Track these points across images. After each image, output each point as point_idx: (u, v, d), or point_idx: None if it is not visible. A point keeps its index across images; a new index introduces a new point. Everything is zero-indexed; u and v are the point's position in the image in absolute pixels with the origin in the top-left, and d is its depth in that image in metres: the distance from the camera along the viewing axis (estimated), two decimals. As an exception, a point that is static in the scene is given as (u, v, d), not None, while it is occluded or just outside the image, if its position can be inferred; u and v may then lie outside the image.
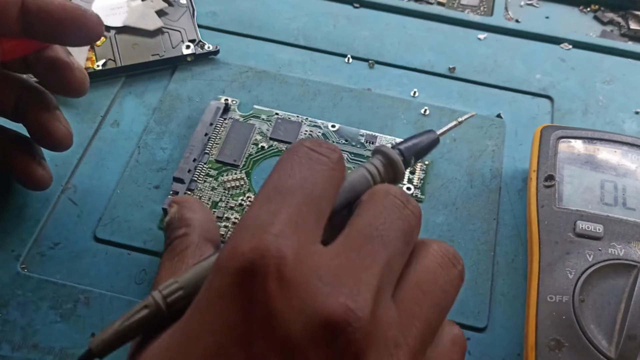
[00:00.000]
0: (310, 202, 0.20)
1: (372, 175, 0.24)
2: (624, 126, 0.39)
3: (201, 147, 0.34)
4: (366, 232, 0.20)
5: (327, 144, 0.22)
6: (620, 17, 0.46)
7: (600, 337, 0.27)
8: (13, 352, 0.28)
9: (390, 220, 0.21)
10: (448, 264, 0.22)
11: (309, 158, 0.21)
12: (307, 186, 0.20)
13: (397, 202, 0.21)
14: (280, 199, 0.20)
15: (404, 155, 0.25)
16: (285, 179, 0.20)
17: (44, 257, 0.32)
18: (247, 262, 0.18)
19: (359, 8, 0.45)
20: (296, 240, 0.19)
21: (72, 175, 0.35)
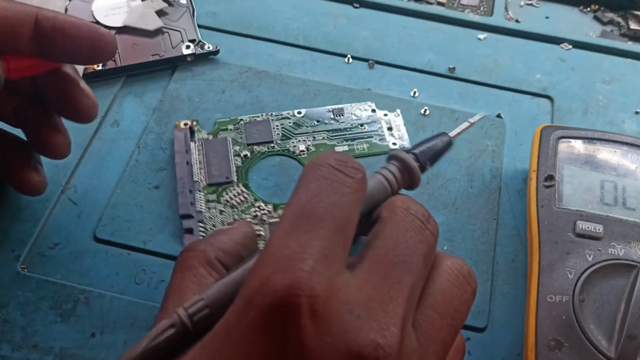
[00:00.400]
0: (340, 230, 0.20)
1: (390, 183, 0.23)
2: (624, 126, 0.39)
3: (189, 176, 0.34)
4: (389, 257, 0.20)
5: (351, 161, 0.22)
6: (620, 17, 0.46)
7: (600, 337, 0.27)
8: (13, 352, 0.28)
9: (412, 244, 0.21)
10: (463, 283, 0.22)
11: (335, 180, 0.21)
12: (336, 213, 0.20)
13: (417, 223, 0.21)
14: (309, 227, 0.19)
15: (420, 160, 0.25)
16: (313, 204, 0.20)
17: (44, 257, 0.32)
18: (281, 300, 0.18)
19: (359, 8, 0.45)
20: (327, 274, 0.19)
21: (72, 175, 0.35)
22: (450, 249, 0.33)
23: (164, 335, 0.21)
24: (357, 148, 0.36)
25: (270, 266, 0.19)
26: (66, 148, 0.31)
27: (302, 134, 0.36)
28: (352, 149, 0.36)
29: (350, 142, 0.36)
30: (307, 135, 0.36)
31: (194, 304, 0.21)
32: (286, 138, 0.36)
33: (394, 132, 0.37)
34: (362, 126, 0.37)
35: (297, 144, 0.36)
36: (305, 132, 0.37)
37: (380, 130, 0.37)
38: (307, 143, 0.36)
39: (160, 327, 0.21)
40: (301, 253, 0.19)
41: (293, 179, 0.35)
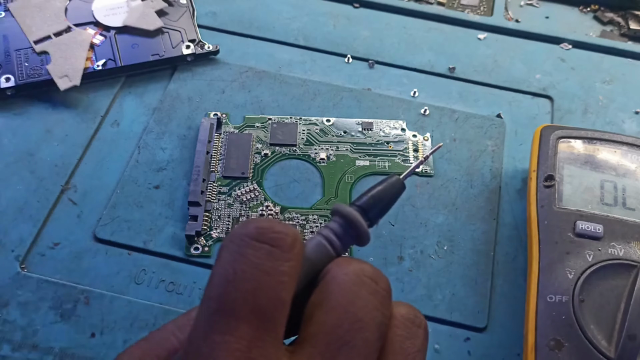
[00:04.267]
0: (265, 321, 0.16)
1: (332, 243, 0.20)
2: (624, 126, 0.39)
3: (206, 166, 0.34)
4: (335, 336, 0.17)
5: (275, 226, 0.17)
6: (620, 17, 0.46)
7: (600, 337, 0.27)
8: (13, 352, 0.28)
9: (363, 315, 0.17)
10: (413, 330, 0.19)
11: (255, 255, 0.17)
12: (259, 301, 0.16)
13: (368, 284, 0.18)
14: (225, 327, 0.16)
15: (367, 212, 0.21)
16: (228, 292, 0.16)
17: (44, 257, 0.32)
18: None
19: (359, 8, 0.45)
20: None
21: (72, 175, 0.35)
22: (450, 249, 0.33)
23: None
24: (378, 165, 0.36)
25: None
26: None
27: (326, 142, 0.36)
28: (373, 164, 0.36)
29: (372, 158, 0.36)
30: (331, 144, 0.36)
31: None
32: (310, 144, 0.36)
33: (419, 154, 0.36)
34: (389, 144, 0.37)
35: (319, 151, 0.36)
36: (330, 141, 0.36)
37: (406, 150, 0.36)
38: (329, 152, 0.36)
39: None
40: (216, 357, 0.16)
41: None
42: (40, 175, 0.34)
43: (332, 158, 0.36)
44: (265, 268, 0.17)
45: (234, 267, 0.17)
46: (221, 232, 0.33)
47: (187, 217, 0.33)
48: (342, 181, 0.35)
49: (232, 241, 0.17)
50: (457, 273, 0.32)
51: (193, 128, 0.37)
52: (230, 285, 0.16)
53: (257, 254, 0.17)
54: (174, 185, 0.34)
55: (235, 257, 0.17)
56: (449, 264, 0.32)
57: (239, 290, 0.16)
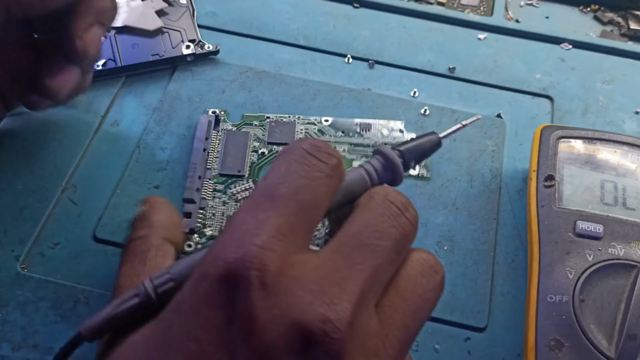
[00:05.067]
0: (301, 212, 0.20)
1: (370, 176, 0.23)
2: (624, 126, 0.39)
3: (203, 163, 0.34)
4: (356, 238, 0.20)
5: (326, 147, 0.21)
6: (620, 17, 0.46)
7: (600, 337, 0.27)
8: (13, 352, 0.28)
9: (383, 228, 0.20)
10: (429, 271, 0.22)
11: (305, 163, 0.21)
12: (299, 196, 0.20)
13: (393, 210, 0.21)
14: (269, 206, 0.19)
15: (405, 158, 0.24)
16: (277, 184, 0.20)
17: (44, 257, 0.32)
18: (231, 272, 0.18)
19: (359, 8, 0.45)
20: (281, 251, 0.19)
21: (72, 175, 0.35)
22: (450, 249, 0.33)
23: (127, 304, 0.21)
24: None
25: (225, 240, 0.19)
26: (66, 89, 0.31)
27: None
28: None
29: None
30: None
31: (159, 276, 0.21)
32: None
33: None
34: (387, 144, 0.36)
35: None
36: (327, 141, 0.36)
37: None
38: None
39: (125, 296, 0.21)
40: (256, 229, 0.19)
41: None
42: (40, 175, 0.34)
43: None
44: (311, 175, 0.20)
45: (287, 168, 0.20)
46: (215, 229, 0.32)
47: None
48: None
49: (289, 149, 0.21)
50: (457, 273, 0.32)
51: (193, 128, 0.37)
52: (281, 179, 0.20)
53: (308, 162, 0.20)
54: (174, 185, 0.34)
55: (289, 161, 0.20)
56: (449, 264, 0.32)
57: (287, 183, 0.20)
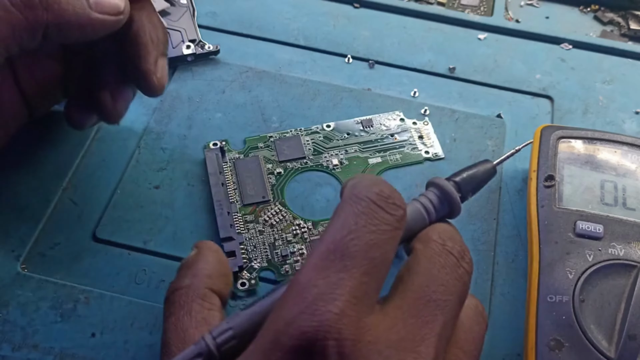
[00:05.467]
0: (373, 270, 0.19)
1: (428, 212, 0.22)
2: (624, 126, 0.39)
3: (226, 198, 0.33)
4: (423, 294, 0.20)
5: (393, 196, 0.21)
6: (620, 17, 0.46)
7: (600, 337, 0.27)
8: (13, 352, 0.28)
9: (446, 281, 0.20)
10: (480, 320, 0.22)
11: (374, 217, 0.20)
12: (370, 253, 0.19)
13: (452, 260, 0.21)
14: (341, 266, 0.19)
15: (461, 189, 0.23)
16: (347, 241, 0.19)
17: (44, 257, 0.32)
18: (308, 342, 0.17)
19: (359, 8, 0.45)
20: (356, 316, 0.18)
21: (72, 175, 0.35)
22: (450, 249, 0.33)
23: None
24: (390, 159, 0.36)
25: (297, 305, 0.18)
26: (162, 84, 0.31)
27: (334, 148, 0.36)
28: (385, 160, 0.36)
29: (383, 154, 0.36)
30: (338, 149, 0.36)
31: (222, 333, 0.20)
32: (318, 153, 0.36)
33: (425, 140, 0.37)
34: (393, 136, 0.37)
35: (330, 158, 0.36)
36: (337, 146, 0.36)
37: (412, 139, 0.37)
38: (339, 157, 0.36)
39: (187, 354, 0.20)
40: (330, 293, 0.18)
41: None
42: (40, 175, 0.34)
43: (345, 162, 0.36)
44: (382, 229, 0.20)
45: (357, 221, 0.19)
46: (262, 260, 0.31)
47: (187, 218, 0.33)
48: None
49: (356, 197, 0.20)
50: (457, 273, 0.32)
51: (193, 128, 0.37)
52: (352, 235, 0.19)
53: (377, 216, 0.20)
54: (174, 185, 0.34)
55: (357, 214, 0.20)
56: (449, 264, 0.32)
57: (357, 240, 0.19)
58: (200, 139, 0.36)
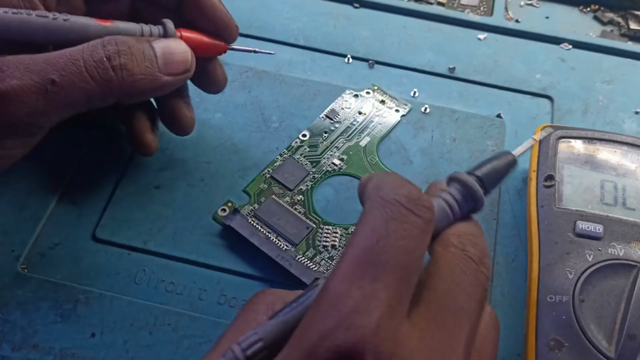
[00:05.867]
0: (406, 277, 0.19)
1: (452, 209, 0.22)
2: (624, 126, 0.39)
3: (279, 247, 0.32)
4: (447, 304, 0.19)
5: (421, 198, 0.20)
6: (620, 17, 0.46)
7: (600, 337, 0.27)
8: (13, 352, 0.28)
9: (469, 289, 0.20)
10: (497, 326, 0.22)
11: (404, 221, 0.19)
12: (403, 259, 0.19)
13: (472, 266, 0.20)
14: (375, 275, 0.18)
15: (484, 183, 0.23)
16: (380, 248, 0.19)
17: (44, 257, 0.32)
18: (345, 356, 0.17)
19: (359, 8, 0.45)
20: (392, 328, 0.18)
21: (73, 175, 0.35)
22: (450, 249, 0.33)
23: None
24: (375, 133, 0.37)
25: (332, 317, 0.18)
26: (192, 125, 0.34)
27: (325, 150, 0.36)
28: (373, 135, 0.37)
29: (369, 131, 0.37)
30: (330, 149, 0.36)
31: (252, 345, 0.20)
32: (316, 162, 0.36)
33: (388, 103, 0.38)
34: (361, 113, 0.38)
35: (329, 160, 0.36)
36: (326, 148, 0.36)
37: (377, 107, 0.38)
38: (336, 155, 0.36)
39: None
40: (366, 305, 0.18)
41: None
42: (40, 175, 0.34)
43: (344, 156, 0.36)
44: (412, 234, 0.19)
45: (387, 227, 0.19)
46: None
47: (187, 218, 0.33)
48: (369, 165, 0.36)
49: (383, 201, 0.19)
50: (457, 273, 0.32)
51: (193, 128, 0.37)
52: (383, 241, 0.19)
53: (407, 220, 0.19)
54: (174, 185, 0.34)
55: (387, 217, 0.19)
56: (449, 264, 0.32)
57: (390, 246, 0.18)
58: (200, 139, 0.36)
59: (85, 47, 0.26)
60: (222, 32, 0.32)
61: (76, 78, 0.26)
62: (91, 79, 0.26)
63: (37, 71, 0.25)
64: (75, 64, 0.26)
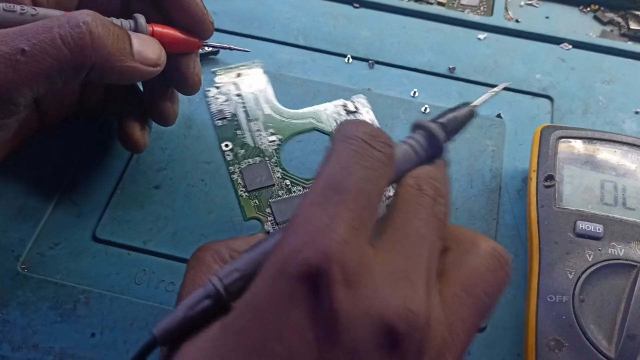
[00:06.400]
0: (367, 203, 0.20)
1: (416, 152, 0.23)
2: (624, 126, 0.39)
3: None
4: (405, 232, 0.21)
5: (381, 135, 0.22)
6: (620, 17, 0.46)
7: (600, 337, 0.27)
8: (13, 352, 0.28)
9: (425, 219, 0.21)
10: (496, 267, 0.22)
11: (365, 153, 0.21)
12: (365, 186, 0.20)
13: (427, 200, 0.22)
14: (338, 199, 0.20)
15: (447, 130, 0.24)
16: (342, 175, 0.20)
17: (44, 257, 0.32)
18: (313, 268, 0.18)
19: (359, 8, 0.45)
20: (357, 244, 0.19)
21: (72, 175, 0.35)
22: (450, 249, 0.33)
23: (200, 306, 0.21)
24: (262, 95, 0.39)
25: (300, 236, 0.19)
26: (175, 117, 0.35)
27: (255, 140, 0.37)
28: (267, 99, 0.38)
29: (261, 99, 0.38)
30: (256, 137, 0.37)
31: (228, 275, 0.21)
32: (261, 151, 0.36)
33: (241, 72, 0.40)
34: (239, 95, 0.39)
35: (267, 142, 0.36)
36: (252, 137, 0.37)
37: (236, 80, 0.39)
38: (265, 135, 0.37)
39: (196, 297, 0.21)
40: (331, 224, 0.19)
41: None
42: (40, 175, 0.34)
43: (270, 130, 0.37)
44: (373, 165, 0.21)
45: (348, 159, 0.20)
46: None
47: (187, 218, 0.33)
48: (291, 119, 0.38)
49: (346, 137, 0.21)
50: (457, 273, 0.32)
51: (193, 128, 0.37)
52: (345, 171, 0.20)
53: (368, 152, 0.21)
54: (174, 185, 0.34)
55: (350, 152, 0.21)
56: (449, 264, 0.32)
57: (352, 175, 0.20)
58: (200, 139, 0.36)
59: (61, 16, 0.27)
60: (196, 27, 0.32)
61: (48, 45, 0.26)
62: (64, 46, 0.26)
63: (7, 42, 0.25)
64: (49, 31, 0.26)
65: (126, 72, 0.28)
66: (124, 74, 0.28)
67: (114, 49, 0.27)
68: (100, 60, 0.27)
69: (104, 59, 0.27)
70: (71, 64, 0.26)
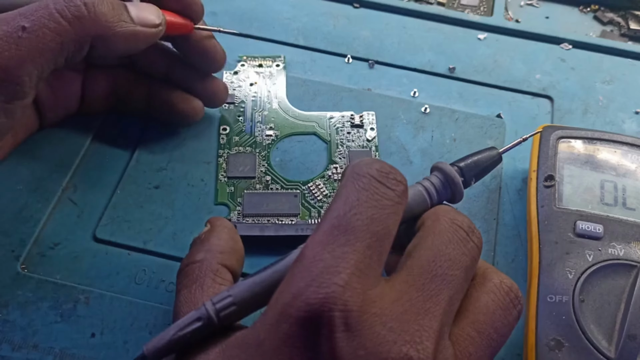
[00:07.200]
0: (375, 244, 0.20)
1: (430, 195, 0.23)
2: (624, 126, 0.39)
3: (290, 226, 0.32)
4: (429, 269, 0.20)
5: (393, 172, 0.21)
6: (620, 17, 0.46)
7: (600, 337, 0.27)
8: (13, 352, 0.28)
9: (454, 256, 0.20)
10: (508, 305, 0.22)
11: (375, 192, 0.20)
12: (373, 227, 0.20)
13: (461, 235, 0.21)
14: (344, 240, 0.19)
15: (464, 175, 0.23)
16: (350, 215, 0.20)
17: (44, 257, 0.32)
18: (315, 313, 0.18)
19: (359, 8, 0.45)
20: (361, 288, 0.18)
21: (72, 175, 0.35)
22: (450, 249, 0.33)
23: (191, 328, 0.21)
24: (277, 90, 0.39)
25: (303, 279, 0.19)
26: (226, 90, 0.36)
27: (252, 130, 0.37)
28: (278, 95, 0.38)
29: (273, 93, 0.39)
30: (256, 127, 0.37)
31: (222, 300, 0.21)
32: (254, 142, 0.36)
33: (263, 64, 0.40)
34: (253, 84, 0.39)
35: (262, 134, 0.37)
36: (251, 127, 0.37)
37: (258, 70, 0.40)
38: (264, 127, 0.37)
39: (187, 319, 0.21)
40: (335, 266, 0.19)
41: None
42: (40, 175, 0.34)
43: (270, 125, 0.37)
44: (383, 204, 0.20)
45: (358, 197, 0.20)
46: None
47: (187, 218, 0.33)
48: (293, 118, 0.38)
49: (357, 175, 0.21)
50: (457, 273, 0.32)
51: (193, 128, 0.37)
52: (354, 210, 0.20)
53: (378, 191, 0.20)
54: (174, 185, 0.34)
55: (359, 190, 0.20)
56: (449, 264, 0.32)
57: (360, 215, 0.20)
58: (200, 139, 0.36)
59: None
60: (187, 11, 0.32)
61: (47, 20, 0.26)
62: (62, 19, 0.26)
63: (7, 21, 0.26)
64: (45, 7, 0.26)
65: (130, 37, 0.28)
66: (128, 39, 0.28)
67: (112, 16, 0.28)
68: (100, 30, 0.27)
69: (104, 27, 0.27)
70: (71, 36, 0.27)
